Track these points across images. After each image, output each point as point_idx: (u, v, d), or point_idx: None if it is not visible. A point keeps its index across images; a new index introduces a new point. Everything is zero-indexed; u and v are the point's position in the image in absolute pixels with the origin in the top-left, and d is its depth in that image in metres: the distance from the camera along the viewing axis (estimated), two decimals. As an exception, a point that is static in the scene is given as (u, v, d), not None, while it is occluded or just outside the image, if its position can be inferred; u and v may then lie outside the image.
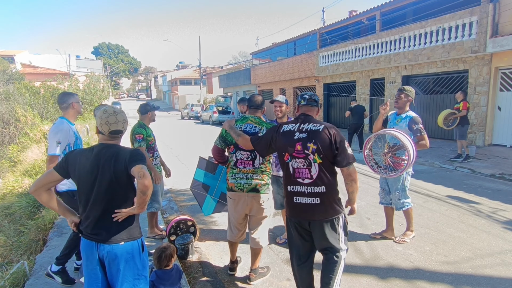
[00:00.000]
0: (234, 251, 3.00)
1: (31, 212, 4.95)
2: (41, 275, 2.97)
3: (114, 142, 1.88)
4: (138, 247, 1.86)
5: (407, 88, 3.50)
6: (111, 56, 71.25)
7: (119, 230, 1.80)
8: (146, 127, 3.63)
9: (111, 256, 1.78)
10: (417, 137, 3.29)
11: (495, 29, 8.72)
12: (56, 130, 2.71)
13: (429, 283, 2.83)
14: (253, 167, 2.67)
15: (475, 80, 9.48)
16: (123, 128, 1.86)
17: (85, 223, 1.83)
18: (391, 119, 3.65)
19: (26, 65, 31.27)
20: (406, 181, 3.50)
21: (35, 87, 16.44)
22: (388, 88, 12.52)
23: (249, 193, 2.66)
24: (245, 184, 2.67)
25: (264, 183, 2.69)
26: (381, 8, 13.05)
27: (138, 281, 1.84)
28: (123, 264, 1.78)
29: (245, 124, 2.72)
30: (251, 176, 2.66)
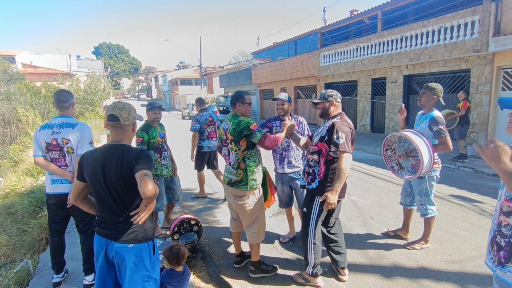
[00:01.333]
0: (236, 243, 3.12)
1: (34, 211, 4.94)
2: (45, 274, 2.96)
3: (121, 137, 1.84)
4: (149, 249, 1.83)
5: (431, 85, 3.25)
6: (112, 56, 71.28)
7: (128, 231, 1.78)
8: (151, 128, 3.62)
9: (120, 258, 1.78)
10: (438, 139, 3.07)
11: (497, 28, 8.70)
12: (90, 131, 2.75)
13: (434, 282, 2.82)
14: (229, 165, 2.80)
15: (477, 80, 9.46)
16: (119, 114, 1.79)
17: (98, 221, 1.86)
18: (416, 120, 3.46)
19: (27, 65, 31.28)
20: (430, 186, 3.27)
21: (36, 87, 16.44)
22: (390, 87, 12.50)
23: (227, 186, 2.84)
24: (225, 176, 2.87)
25: (238, 180, 2.71)
26: (382, 8, 13.02)
27: (148, 283, 1.81)
28: (131, 266, 1.77)
29: (225, 123, 2.87)
30: (229, 170, 2.81)
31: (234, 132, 2.66)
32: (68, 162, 2.68)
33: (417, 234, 3.77)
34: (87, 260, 2.75)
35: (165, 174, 3.76)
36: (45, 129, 2.66)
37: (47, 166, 2.68)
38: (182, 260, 2.39)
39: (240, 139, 2.64)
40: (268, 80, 21.40)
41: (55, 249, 2.79)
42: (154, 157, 3.65)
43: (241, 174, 2.72)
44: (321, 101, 2.78)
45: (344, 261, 2.88)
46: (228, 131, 2.72)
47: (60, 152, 2.66)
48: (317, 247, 2.73)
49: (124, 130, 1.85)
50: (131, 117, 1.84)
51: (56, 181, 2.70)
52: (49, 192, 2.74)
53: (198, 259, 3.35)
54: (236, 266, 3.12)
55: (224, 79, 30.00)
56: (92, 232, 2.80)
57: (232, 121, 2.73)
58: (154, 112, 3.66)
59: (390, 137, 3.28)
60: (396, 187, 5.80)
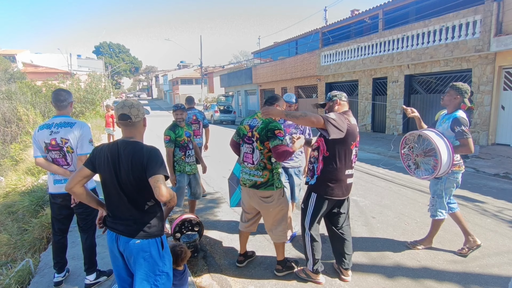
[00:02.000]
0: (243, 243, 3.10)
1: (35, 210, 4.93)
2: (46, 273, 2.96)
3: (133, 134, 1.88)
4: (157, 244, 1.87)
5: (456, 84, 3.12)
6: (112, 55, 71.28)
7: (137, 227, 1.83)
8: (178, 128, 3.84)
9: (128, 252, 1.84)
10: (459, 140, 2.94)
11: (499, 28, 8.68)
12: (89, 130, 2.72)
13: (437, 282, 2.81)
14: (252, 164, 2.73)
15: (479, 79, 9.44)
16: (129, 112, 1.83)
17: (109, 215, 1.92)
18: (439, 119, 3.33)
19: (28, 64, 31.29)
20: (445, 188, 3.18)
21: (36, 86, 16.45)
22: (391, 87, 12.48)
23: (250, 188, 2.79)
24: (247, 179, 2.80)
25: (264, 181, 2.70)
26: (383, 7, 13.00)
27: (160, 277, 1.87)
28: (141, 261, 1.82)
29: (252, 119, 2.83)
30: (252, 173, 2.75)
31: (262, 131, 2.64)
32: (70, 161, 2.66)
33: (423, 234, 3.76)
34: (89, 260, 2.74)
35: (188, 171, 3.92)
36: (43, 129, 2.62)
37: (48, 167, 2.66)
38: (184, 260, 2.39)
39: (265, 140, 2.63)
40: (269, 79, 21.38)
41: (57, 248, 2.78)
42: (179, 155, 3.85)
43: (267, 175, 2.71)
44: (326, 102, 2.85)
45: (349, 262, 2.87)
46: (256, 129, 2.68)
47: (60, 152, 2.64)
48: (315, 244, 2.74)
49: (135, 127, 1.89)
50: (141, 114, 1.89)
51: (59, 181, 2.69)
52: (52, 192, 2.73)
53: (199, 258, 3.34)
54: (239, 265, 3.12)
55: (225, 79, 29.99)
56: (93, 232, 2.80)
57: (263, 120, 2.69)
58: (176, 113, 3.88)
59: (409, 135, 3.18)
60: (397, 187, 5.79)
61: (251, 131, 2.73)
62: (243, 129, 2.81)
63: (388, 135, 12.62)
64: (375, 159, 8.43)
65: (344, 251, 2.84)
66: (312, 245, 2.74)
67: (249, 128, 2.76)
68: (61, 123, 2.64)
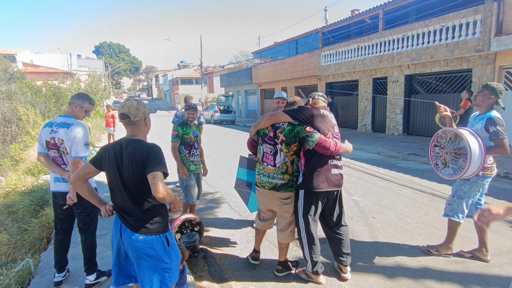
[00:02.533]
0: (259, 240, 3.11)
1: (35, 210, 4.93)
2: (46, 273, 2.95)
3: (134, 132, 1.93)
4: (162, 241, 1.89)
5: (491, 84, 3.02)
6: (112, 55, 71.28)
7: (140, 223, 1.86)
8: (187, 126, 3.92)
9: (132, 249, 1.85)
10: (494, 141, 2.82)
11: (500, 28, 8.68)
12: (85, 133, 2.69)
13: (437, 282, 2.80)
14: (274, 166, 2.69)
15: (479, 79, 9.43)
16: (128, 112, 1.87)
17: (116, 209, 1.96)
18: (471, 121, 3.22)
19: (28, 64, 31.28)
20: (470, 191, 3.07)
21: (36, 86, 16.44)
22: (391, 87, 12.48)
23: (270, 190, 2.75)
24: (266, 182, 2.76)
25: (285, 183, 2.70)
26: (384, 7, 13.00)
27: (168, 274, 1.91)
28: (145, 257, 1.84)
29: None
30: (272, 175, 2.72)
31: (290, 133, 2.62)
32: (66, 162, 2.68)
33: (424, 234, 3.76)
34: (89, 260, 2.74)
35: (193, 170, 3.94)
36: (46, 127, 2.69)
37: (48, 164, 2.71)
38: (183, 260, 2.38)
39: (293, 142, 2.62)
40: (269, 79, 21.38)
41: (58, 247, 2.78)
42: (184, 153, 3.89)
43: (287, 178, 2.70)
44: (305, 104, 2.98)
45: (347, 259, 2.86)
46: (282, 130, 2.65)
47: (58, 151, 2.68)
48: (313, 246, 2.72)
49: (136, 126, 1.93)
50: (140, 113, 1.92)
51: (58, 178, 2.72)
52: (52, 190, 2.76)
53: (200, 258, 3.33)
54: (254, 262, 3.11)
55: (225, 79, 29.98)
56: (92, 232, 2.79)
57: (291, 123, 2.67)
58: (188, 112, 3.96)
59: (442, 133, 3.04)
60: (397, 187, 5.79)
61: (273, 131, 2.70)
62: (266, 129, 2.77)
63: (388, 135, 12.61)
64: (375, 159, 8.43)
65: (342, 250, 2.84)
66: (309, 247, 2.73)
67: (271, 127, 2.72)
68: (61, 123, 2.67)
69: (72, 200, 2.60)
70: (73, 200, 2.61)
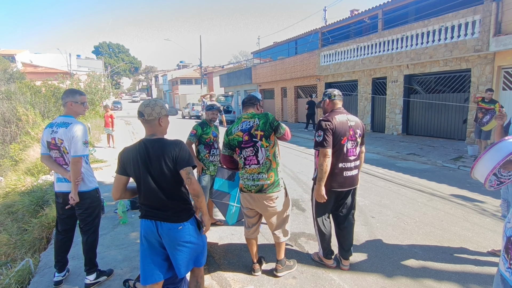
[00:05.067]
0: (254, 251, 2.96)
1: (34, 210, 4.94)
2: (46, 273, 2.96)
3: (153, 131, 2.04)
4: (194, 224, 2.08)
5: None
6: (112, 55, 71.26)
7: (174, 214, 2.01)
8: (206, 126, 3.89)
9: (171, 237, 1.99)
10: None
11: (498, 28, 8.69)
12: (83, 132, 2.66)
13: (436, 282, 2.82)
14: (258, 164, 2.65)
15: (478, 79, 9.45)
16: (143, 110, 2.01)
17: (144, 206, 2.06)
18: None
19: (27, 64, 31.22)
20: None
21: (36, 86, 16.42)
22: (390, 87, 12.49)
23: (256, 194, 2.70)
24: (252, 185, 2.69)
25: (270, 183, 2.68)
26: (383, 7, 13.01)
27: (201, 255, 2.14)
28: (183, 243, 2.00)
29: (240, 124, 2.73)
30: (257, 177, 2.66)
31: (265, 126, 2.64)
32: (68, 161, 2.68)
33: (423, 234, 3.77)
34: (89, 261, 2.74)
35: (211, 171, 3.90)
36: (47, 127, 2.70)
37: (50, 165, 2.72)
38: None
39: (270, 133, 2.65)
40: (269, 79, 21.39)
41: (59, 247, 2.79)
42: (203, 152, 3.89)
43: (273, 176, 2.68)
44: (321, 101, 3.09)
45: (346, 253, 3.04)
46: (257, 127, 2.65)
47: (59, 151, 2.68)
48: (322, 234, 2.98)
49: (151, 125, 2.03)
50: (154, 113, 2.01)
51: (60, 179, 2.73)
52: (56, 190, 2.77)
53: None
54: (256, 274, 2.96)
55: (224, 79, 29.97)
56: (93, 232, 2.79)
57: (258, 117, 2.70)
58: (212, 113, 3.88)
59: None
60: (396, 187, 5.80)
61: (247, 133, 2.66)
62: (236, 138, 2.70)
63: (387, 135, 12.63)
64: (375, 159, 8.44)
65: (343, 246, 3.03)
66: (320, 234, 3.00)
67: (242, 133, 2.68)
68: (60, 123, 2.67)
69: (74, 200, 2.60)
70: (75, 200, 2.61)
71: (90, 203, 2.73)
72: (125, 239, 3.72)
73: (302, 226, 4.11)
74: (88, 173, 2.76)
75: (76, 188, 2.60)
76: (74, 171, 2.58)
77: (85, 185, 2.70)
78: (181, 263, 2.02)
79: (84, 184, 2.69)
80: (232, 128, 2.76)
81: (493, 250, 3.33)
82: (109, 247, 3.50)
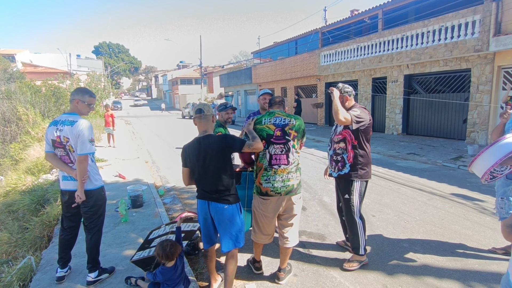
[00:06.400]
0: (259, 252, 2.95)
1: (35, 209, 4.94)
2: (48, 270, 2.97)
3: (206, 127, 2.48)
4: (237, 209, 2.48)
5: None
6: (112, 55, 71.23)
7: (223, 196, 2.41)
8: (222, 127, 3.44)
9: (219, 214, 2.43)
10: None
11: (498, 28, 8.71)
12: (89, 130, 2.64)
13: (436, 279, 2.82)
14: (287, 164, 2.57)
15: (478, 79, 9.47)
16: (203, 107, 2.50)
17: (200, 190, 2.49)
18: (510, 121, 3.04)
19: (27, 64, 31.21)
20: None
21: (36, 86, 16.42)
22: (390, 87, 12.51)
23: (286, 195, 2.61)
24: (282, 187, 2.57)
25: (298, 182, 2.66)
26: (383, 7, 13.03)
27: (241, 235, 2.51)
28: (227, 221, 2.42)
29: (273, 118, 2.66)
30: (287, 177, 2.58)
31: (300, 128, 2.65)
32: (73, 160, 2.66)
33: (423, 232, 3.78)
34: (92, 259, 2.74)
35: None
36: (52, 125, 2.67)
37: (56, 163, 2.70)
38: (171, 256, 2.36)
39: (300, 136, 2.66)
40: (269, 79, 21.40)
41: (64, 243, 2.79)
42: None
43: (299, 175, 2.68)
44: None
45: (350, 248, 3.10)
46: (292, 127, 2.61)
47: (64, 150, 2.65)
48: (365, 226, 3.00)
49: (207, 120, 2.48)
50: (211, 110, 2.51)
51: (66, 177, 2.71)
52: (61, 188, 2.76)
53: (200, 256, 3.35)
54: (257, 272, 2.98)
55: (225, 79, 29.97)
56: (97, 231, 2.78)
57: (294, 117, 2.67)
58: (227, 112, 3.49)
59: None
60: (397, 186, 5.81)
61: (280, 129, 2.58)
62: (266, 129, 2.59)
63: (387, 135, 12.64)
64: (375, 158, 8.45)
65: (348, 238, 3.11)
66: (364, 229, 2.96)
67: (275, 127, 2.60)
68: (65, 121, 2.64)
69: (80, 198, 2.60)
70: (82, 198, 2.60)
71: (95, 201, 2.72)
72: (126, 237, 3.72)
73: (303, 224, 4.12)
74: (94, 171, 2.75)
75: (82, 186, 2.59)
76: (81, 170, 2.57)
77: (91, 183, 2.69)
78: (223, 235, 2.46)
79: (90, 182, 2.68)
80: (262, 119, 2.66)
81: (493, 248, 3.34)
82: (111, 245, 3.50)
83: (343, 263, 3.05)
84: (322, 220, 4.29)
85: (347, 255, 3.23)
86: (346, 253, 3.31)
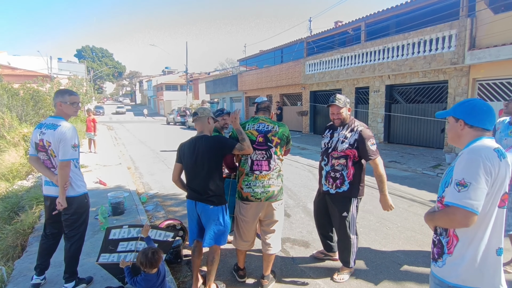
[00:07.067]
0: (243, 259, 2.91)
1: (9, 217, 4.71)
2: (20, 281, 2.82)
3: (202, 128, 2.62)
4: (222, 210, 2.57)
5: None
6: (95, 59, 69.84)
7: (209, 197, 2.52)
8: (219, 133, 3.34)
9: (204, 215, 2.56)
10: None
11: (473, 42, 9.16)
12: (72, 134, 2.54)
13: (417, 284, 2.88)
14: (269, 170, 2.58)
15: (454, 91, 9.88)
16: (197, 111, 2.66)
17: (189, 190, 2.61)
18: (500, 128, 3.07)
19: (5, 66, 29.93)
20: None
21: (13, 88, 15.82)
22: (373, 96, 12.85)
23: (266, 201, 2.62)
24: (262, 193, 2.58)
25: (279, 189, 2.66)
26: (365, 19, 13.46)
27: (223, 236, 2.60)
28: (211, 221, 2.54)
29: (257, 124, 2.69)
30: (268, 183, 2.59)
31: (283, 135, 2.65)
32: (55, 165, 2.56)
33: (404, 238, 3.85)
34: (70, 268, 2.63)
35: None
36: (37, 128, 2.60)
37: (38, 167, 2.62)
38: (156, 263, 2.29)
39: (284, 143, 2.67)
40: (254, 87, 21.54)
41: (44, 249, 2.67)
42: None
43: (280, 181, 2.68)
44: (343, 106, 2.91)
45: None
46: (275, 133, 2.61)
47: (46, 154, 2.57)
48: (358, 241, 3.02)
49: (203, 122, 2.61)
50: (206, 112, 2.64)
51: (48, 182, 2.61)
52: (44, 194, 2.67)
53: (183, 264, 3.28)
54: (240, 280, 2.93)
55: (210, 85, 29.94)
56: (78, 240, 2.66)
57: (278, 124, 2.67)
58: (223, 118, 3.40)
59: None
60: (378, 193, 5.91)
61: (263, 135, 2.61)
62: (249, 135, 2.61)
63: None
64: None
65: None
66: (357, 244, 2.98)
67: (257, 133, 2.62)
68: (49, 124, 2.56)
69: (61, 205, 2.50)
70: (63, 205, 2.50)
71: (76, 208, 2.61)
72: (105, 246, 3.60)
73: (287, 231, 4.12)
74: (77, 177, 2.64)
75: (63, 193, 2.48)
76: (62, 176, 2.46)
77: (73, 189, 2.58)
78: (206, 233, 2.56)
79: (72, 189, 2.58)
80: (246, 124, 2.69)
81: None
82: (89, 254, 3.37)
83: (328, 271, 3.07)
84: (306, 227, 4.31)
85: (331, 263, 3.25)
86: (328, 261, 3.32)
